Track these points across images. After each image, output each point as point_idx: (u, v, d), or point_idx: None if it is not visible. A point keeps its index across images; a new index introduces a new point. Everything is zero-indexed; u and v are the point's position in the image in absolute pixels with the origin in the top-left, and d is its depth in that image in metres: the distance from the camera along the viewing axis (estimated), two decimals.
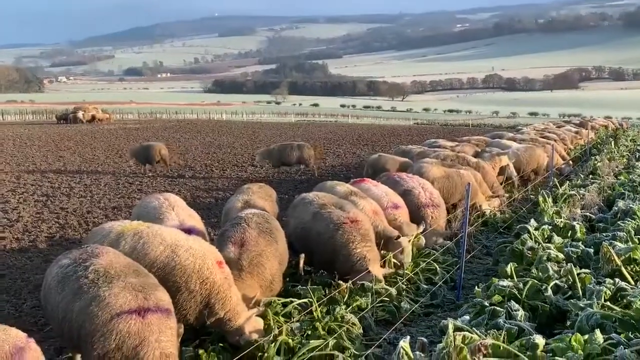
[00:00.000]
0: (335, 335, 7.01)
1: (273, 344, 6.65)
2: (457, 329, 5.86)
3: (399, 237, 9.80)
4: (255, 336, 6.88)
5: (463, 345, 5.32)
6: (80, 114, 66.90)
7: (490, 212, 13.92)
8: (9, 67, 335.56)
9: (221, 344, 7.04)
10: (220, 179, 23.62)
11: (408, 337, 5.66)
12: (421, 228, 10.80)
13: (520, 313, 7.07)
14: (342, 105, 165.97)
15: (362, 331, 7.51)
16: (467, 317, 6.77)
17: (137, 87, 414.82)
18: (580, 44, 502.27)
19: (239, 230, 8.06)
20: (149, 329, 5.48)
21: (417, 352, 5.63)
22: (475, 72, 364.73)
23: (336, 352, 6.67)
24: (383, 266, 9.37)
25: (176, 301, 6.39)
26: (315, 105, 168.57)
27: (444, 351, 5.33)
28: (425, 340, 5.91)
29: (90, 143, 39.33)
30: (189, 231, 8.66)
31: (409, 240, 10.26)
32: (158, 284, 6.10)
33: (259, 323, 7.12)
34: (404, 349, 5.39)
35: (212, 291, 6.80)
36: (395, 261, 9.62)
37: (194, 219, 9.21)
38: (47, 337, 7.61)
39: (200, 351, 6.72)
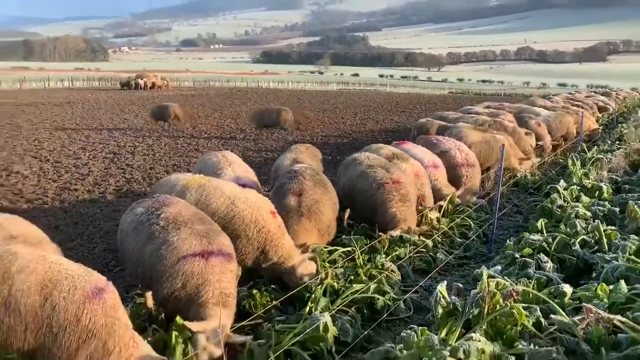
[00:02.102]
0: (376, 280, 7.08)
1: (320, 286, 6.76)
2: (490, 277, 5.86)
3: (431, 208, 9.86)
4: (306, 279, 7.02)
5: (496, 291, 5.32)
6: (141, 81, 67.79)
7: (522, 173, 13.73)
8: (77, 37, 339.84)
9: (272, 286, 7.19)
10: (268, 141, 23.74)
11: (445, 282, 5.68)
12: (460, 191, 10.79)
13: (549, 265, 7.05)
14: (381, 76, 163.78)
15: (400, 278, 7.57)
16: (499, 267, 6.75)
17: (192, 57, 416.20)
18: (609, 19, 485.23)
19: (297, 181, 8.19)
20: (211, 270, 5.64)
21: (453, 297, 5.66)
22: (508, 45, 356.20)
23: (376, 296, 6.75)
24: (420, 224, 9.36)
25: (235, 247, 6.51)
26: (356, 75, 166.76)
27: (478, 295, 5.34)
28: (460, 285, 5.92)
29: (151, 107, 39.80)
30: (244, 185, 8.82)
31: (446, 200, 10.30)
32: (221, 230, 6.24)
33: (312, 266, 7.23)
34: (441, 293, 5.42)
35: (267, 239, 6.94)
36: (432, 217, 9.61)
37: (249, 174, 9.34)
38: (117, 277, 7.89)
39: (254, 291, 6.85)
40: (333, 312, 6.09)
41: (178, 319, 5.46)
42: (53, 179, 15.31)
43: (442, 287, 5.49)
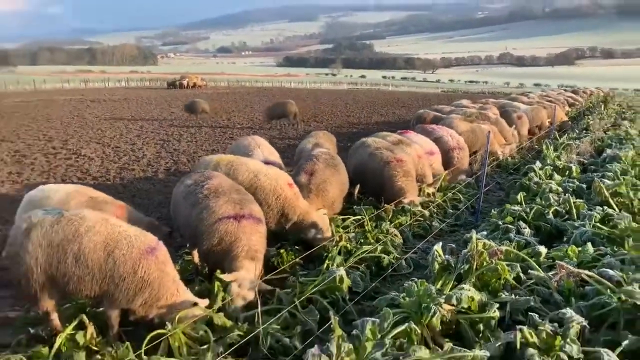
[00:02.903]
0: (382, 242, 7.10)
1: (335, 247, 6.79)
2: (478, 239, 5.85)
3: (432, 184, 9.88)
4: (326, 234, 7.10)
5: (483, 250, 5.33)
6: (184, 82, 67.74)
7: (503, 157, 13.62)
8: (131, 45, 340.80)
9: (296, 247, 7.23)
10: (290, 131, 23.71)
11: (440, 243, 5.68)
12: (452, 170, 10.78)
13: (527, 231, 7.03)
14: (384, 77, 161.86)
15: (402, 241, 7.59)
16: (484, 233, 6.73)
17: (227, 62, 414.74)
18: (579, 29, 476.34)
19: (310, 163, 8.22)
20: (242, 230, 5.72)
21: (447, 255, 5.66)
22: (492, 51, 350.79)
23: (382, 255, 6.77)
24: (419, 196, 9.34)
25: None
26: (363, 76, 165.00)
27: (468, 254, 5.35)
28: (453, 245, 5.93)
29: None
30: (270, 164, 8.83)
31: (440, 178, 10.26)
32: (253, 200, 6.30)
33: (325, 219, 7.30)
34: (437, 251, 5.43)
35: (285, 204, 7.02)
36: (428, 191, 9.58)
37: (274, 155, 9.34)
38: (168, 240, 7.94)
39: (281, 251, 6.92)
40: (346, 268, 6.12)
41: (218, 271, 5.53)
42: (114, 160, 15.43)
43: (438, 247, 5.50)
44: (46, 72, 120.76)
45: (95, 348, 4.68)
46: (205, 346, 4.64)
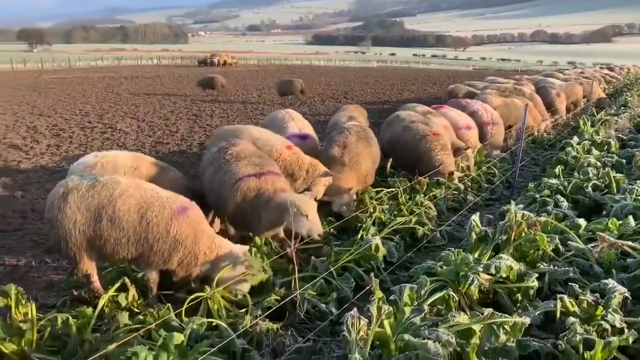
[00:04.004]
0: (416, 214, 7.04)
1: (369, 217, 6.76)
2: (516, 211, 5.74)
3: (467, 148, 9.61)
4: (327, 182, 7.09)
5: (522, 221, 5.23)
6: (215, 59, 67.92)
7: (539, 132, 13.31)
8: (162, 24, 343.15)
9: (330, 217, 7.22)
10: (321, 107, 23.63)
11: (478, 213, 5.59)
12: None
13: (565, 204, 6.88)
14: (414, 55, 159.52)
15: (436, 214, 7.51)
16: (521, 206, 6.62)
17: (256, 40, 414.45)
18: (616, 4, 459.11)
19: (343, 136, 8.09)
20: (264, 181, 5.81)
21: (484, 226, 5.58)
22: (524, 28, 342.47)
23: (417, 226, 6.72)
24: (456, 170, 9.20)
25: None
26: (393, 54, 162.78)
27: (506, 224, 5.26)
28: (491, 216, 5.84)
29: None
30: (304, 137, 8.80)
31: (474, 152, 10.05)
32: (274, 163, 6.38)
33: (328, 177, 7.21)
34: (474, 221, 5.35)
35: (285, 164, 6.98)
36: (463, 165, 9.43)
37: (308, 128, 9.28)
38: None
39: None
40: (380, 238, 6.09)
41: (257, 238, 5.58)
42: (149, 135, 15.63)
43: (475, 217, 5.42)
44: (81, 50, 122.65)
45: (137, 310, 4.79)
46: (243, 310, 4.70)
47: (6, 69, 56.21)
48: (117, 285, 4.97)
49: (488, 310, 3.62)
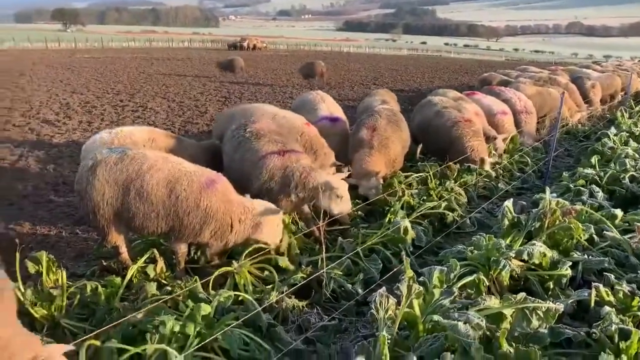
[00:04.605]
0: (445, 199, 6.94)
1: (398, 201, 6.69)
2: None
3: (495, 137, 9.41)
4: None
5: (556, 208, 5.10)
6: (245, 44, 67.94)
7: (573, 123, 12.98)
8: (194, 7, 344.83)
9: (357, 200, 7.15)
10: (350, 92, 23.47)
11: (511, 199, 5.47)
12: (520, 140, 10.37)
13: (601, 194, 6.68)
14: (446, 44, 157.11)
15: (466, 200, 7.39)
16: (554, 195, 6.46)
17: (286, 25, 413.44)
18: None
19: (373, 119, 7.97)
20: (289, 159, 5.76)
21: (517, 212, 5.46)
22: (560, 20, 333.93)
23: (447, 212, 6.62)
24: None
25: None
26: (424, 43, 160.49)
27: (540, 212, 5.14)
28: (524, 203, 5.72)
29: (253, 64, 39.97)
30: (335, 119, 8.73)
31: (504, 140, 9.84)
32: (294, 141, 6.36)
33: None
34: (507, 207, 5.24)
35: (307, 142, 6.98)
36: (494, 152, 9.25)
37: (339, 111, 9.18)
38: None
39: None
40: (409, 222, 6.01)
41: (285, 217, 5.55)
42: (178, 114, 15.74)
43: (508, 203, 5.31)
44: (113, 32, 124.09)
45: (164, 282, 4.83)
46: (269, 286, 4.70)
47: (41, 47, 57.35)
48: (145, 256, 5.02)
49: (521, 295, 3.54)
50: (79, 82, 23.69)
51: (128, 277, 4.71)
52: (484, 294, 4.02)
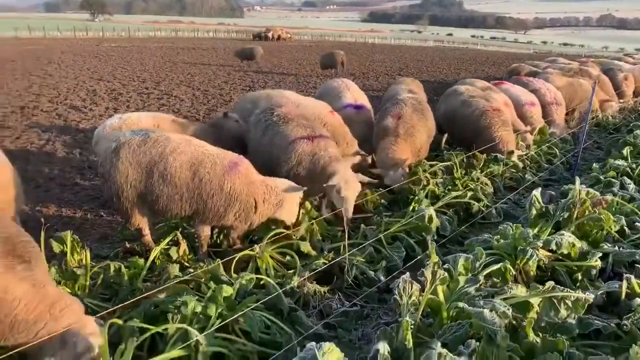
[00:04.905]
0: (471, 188, 6.82)
1: (422, 190, 6.60)
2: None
3: (527, 131, 9.23)
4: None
5: (586, 199, 4.96)
6: (270, 34, 67.92)
7: (603, 116, 12.66)
8: None
9: (380, 188, 7.08)
10: (374, 82, 23.27)
11: (539, 188, 5.34)
12: (550, 130, 10.11)
13: (632, 186, 6.49)
14: (473, 36, 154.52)
15: (492, 191, 7.25)
16: (584, 185, 6.30)
17: (311, 16, 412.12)
18: None
19: (398, 107, 7.85)
20: (318, 147, 5.72)
21: (545, 203, 5.33)
22: (590, 12, 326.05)
23: (472, 202, 6.51)
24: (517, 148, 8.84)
25: None
26: (450, 34, 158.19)
27: (570, 201, 5.00)
28: (553, 192, 5.58)
29: (277, 54, 39.97)
30: (359, 107, 8.64)
31: (532, 131, 9.64)
32: (322, 127, 6.27)
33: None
34: (535, 197, 5.12)
35: (332, 129, 6.85)
36: (522, 144, 9.04)
37: (363, 99, 9.08)
38: None
39: (367, 191, 6.74)
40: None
41: (307, 203, 5.53)
42: (203, 102, 15.80)
43: (536, 192, 5.19)
44: (140, 21, 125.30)
45: (187, 264, 4.84)
46: (291, 271, 4.68)
47: (69, 36, 58.22)
48: (168, 239, 5.05)
49: (549, 283, 3.44)
50: (105, 69, 23.98)
51: (151, 258, 4.73)
52: (510, 283, 3.93)
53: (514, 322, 3.37)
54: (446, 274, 3.42)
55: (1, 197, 4.50)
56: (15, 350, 2.99)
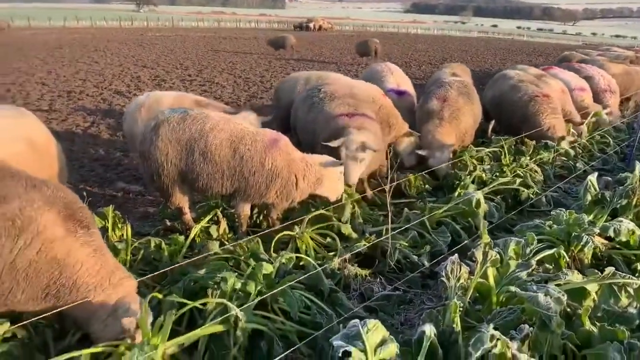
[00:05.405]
0: (520, 174, 6.56)
1: (469, 175, 6.38)
2: None
3: (581, 124, 8.83)
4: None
5: None
6: (311, 24, 67.80)
7: None
8: None
9: (423, 172, 6.89)
10: (417, 71, 22.88)
11: (596, 173, 5.07)
12: (606, 112, 9.65)
13: None
14: (518, 27, 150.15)
15: (542, 178, 6.96)
16: None
17: (353, 6, 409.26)
18: None
19: (443, 89, 7.63)
20: (354, 124, 5.59)
21: (601, 189, 5.05)
22: None
23: (521, 188, 6.25)
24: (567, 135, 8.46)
25: None
26: (495, 26, 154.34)
27: (628, 187, 4.72)
28: (609, 178, 5.29)
29: (319, 44, 39.85)
30: (402, 92, 8.44)
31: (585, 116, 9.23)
32: (368, 106, 6.15)
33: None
34: (591, 182, 4.86)
35: (384, 112, 6.67)
36: (574, 130, 8.67)
37: (407, 84, 8.88)
38: None
39: (410, 175, 6.59)
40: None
41: (347, 189, 5.41)
42: (244, 89, 15.86)
43: (592, 177, 4.92)
44: (184, 12, 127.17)
45: (226, 242, 4.80)
46: (332, 253, 4.58)
47: (115, 26, 59.57)
48: (208, 217, 5.02)
49: (609, 269, 3.22)
50: (149, 57, 24.38)
51: (192, 235, 4.72)
52: (564, 269, 3.72)
53: (569, 309, 3.18)
54: (497, 255, 3.25)
55: (47, 170, 4.55)
56: (66, 307, 3.00)
